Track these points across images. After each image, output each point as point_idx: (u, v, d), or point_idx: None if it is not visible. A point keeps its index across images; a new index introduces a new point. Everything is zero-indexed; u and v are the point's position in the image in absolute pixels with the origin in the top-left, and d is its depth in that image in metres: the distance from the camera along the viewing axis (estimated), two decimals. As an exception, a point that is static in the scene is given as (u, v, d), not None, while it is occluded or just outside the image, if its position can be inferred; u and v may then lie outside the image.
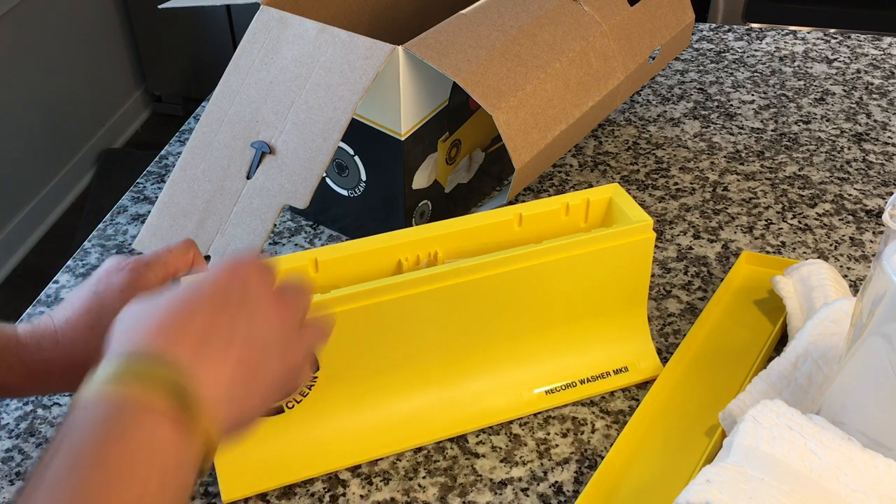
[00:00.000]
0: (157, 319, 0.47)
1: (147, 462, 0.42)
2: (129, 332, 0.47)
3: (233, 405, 0.48)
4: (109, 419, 0.43)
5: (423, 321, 0.68)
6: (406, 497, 0.67)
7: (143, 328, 0.47)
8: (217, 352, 0.47)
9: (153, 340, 0.46)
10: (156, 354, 0.45)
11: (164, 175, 1.04)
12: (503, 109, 0.78)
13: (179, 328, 0.47)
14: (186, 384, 0.45)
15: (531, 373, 0.74)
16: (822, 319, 0.72)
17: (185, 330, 0.47)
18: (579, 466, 0.69)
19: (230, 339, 0.48)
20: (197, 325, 0.47)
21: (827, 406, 0.63)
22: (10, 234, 2.36)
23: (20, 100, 2.34)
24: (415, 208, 0.86)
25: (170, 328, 0.47)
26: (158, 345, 0.46)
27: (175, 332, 0.47)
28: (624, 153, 1.06)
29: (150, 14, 2.67)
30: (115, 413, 0.43)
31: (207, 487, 0.68)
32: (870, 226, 0.94)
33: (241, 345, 0.48)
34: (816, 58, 1.26)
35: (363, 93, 0.74)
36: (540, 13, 0.86)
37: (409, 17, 1.03)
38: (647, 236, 0.72)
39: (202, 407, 0.45)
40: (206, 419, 0.45)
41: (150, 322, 0.47)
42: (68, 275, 0.90)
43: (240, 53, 0.81)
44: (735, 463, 0.57)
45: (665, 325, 0.82)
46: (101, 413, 0.43)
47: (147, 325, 0.47)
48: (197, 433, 0.44)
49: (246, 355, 0.48)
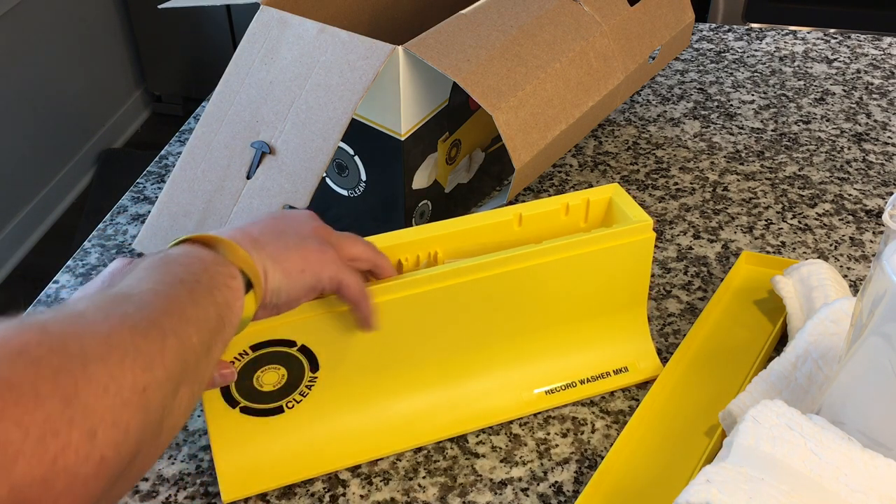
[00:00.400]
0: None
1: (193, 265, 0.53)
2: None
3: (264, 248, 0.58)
4: (163, 252, 0.54)
5: (422, 321, 0.68)
6: (406, 497, 0.67)
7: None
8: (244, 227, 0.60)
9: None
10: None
11: (164, 175, 1.04)
12: (503, 109, 0.78)
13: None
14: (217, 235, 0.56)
15: (531, 373, 0.74)
16: (822, 319, 0.72)
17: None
18: (579, 466, 0.69)
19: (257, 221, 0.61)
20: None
21: (827, 406, 0.63)
22: (10, 234, 2.36)
23: (20, 100, 2.34)
24: (415, 208, 0.86)
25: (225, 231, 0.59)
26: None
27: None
28: (624, 153, 1.06)
29: (150, 14, 2.67)
30: (167, 250, 0.55)
31: (207, 487, 0.68)
32: (870, 226, 0.94)
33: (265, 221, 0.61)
34: (816, 58, 1.26)
35: (363, 93, 0.74)
36: (540, 13, 0.86)
37: (409, 17, 1.03)
38: (647, 236, 0.72)
39: (231, 243, 0.56)
40: (240, 253, 0.55)
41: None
42: (68, 275, 0.90)
43: (240, 53, 0.81)
44: (735, 463, 0.57)
45: (665, 325, 0.82)
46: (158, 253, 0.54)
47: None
48: (231, 255, 0.55)
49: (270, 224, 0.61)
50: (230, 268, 0.54)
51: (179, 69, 2.80)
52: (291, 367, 0.65)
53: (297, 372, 0.66)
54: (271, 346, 0.64)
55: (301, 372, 0.66)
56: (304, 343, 0.65)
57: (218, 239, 0.56)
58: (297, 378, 0.66)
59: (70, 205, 2.58)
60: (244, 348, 0.63)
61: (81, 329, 0.43)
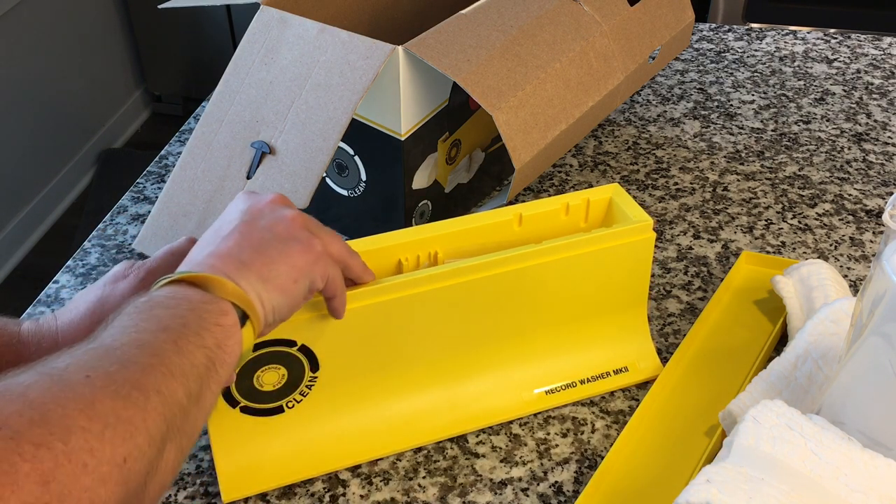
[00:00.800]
0: (192, 253, 0.57)
1: (180, 308, 0.51)
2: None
3: (244, 265, 0.55)
4: (147, 295, 0.52)
5: (422, 321, 0.68)
6: (406, 497, 0.67)
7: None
8: (216, 239, 0.57)
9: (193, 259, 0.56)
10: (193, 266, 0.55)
11: (164, 175, 1.04)
12: (503, 109, 0.78)
13: (198, 250, 0.57)
14: (202, 271, 0.54)
15: (531, 373, 0.74)
16: (822, 319, 0.72)
17: (199, 248, 0.57)
18: (579, 466, 0.69)
19: (230, 225, 0.58)
20: (207, 241, 0.57)
21: (827, 406, 0.63)
22: (10, 234, 2.36)
23: (20, 100, 2.34)
24: (415, 208, 0.86)
25: (192, 256, 0.57)
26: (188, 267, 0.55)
27: (198, 253, 0.56)
28: (624, 153, 1.06)
29: (150, 14, 2.67)
30: (152, 293, 0.52)
31: (207, 487, 0.68)
32: (870, 226, 0.94)
33: (238, 226, 0.58)
34: (816, 58, 1.26)
35: (363, 93, 0.74)
36: (540, 13, 0.86)
37: (409, 17, 1.03)
38: (647, 236, 0.72)
39: (219, 278, 0.53)
40: (229, 287, 0.53)
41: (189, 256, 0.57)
42: (68, 275, 0.90)
43: (240, 53, 0.81)
44: (735, 463, 0.57)
45: (665, 325, 0.82)
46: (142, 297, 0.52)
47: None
48: (219, 290, 0.53)
49: (243, 230, 0.57)
50: (221, 304, 0.52)
51: (179, 69, 2.80)
52: (291, 366, 0.65)
53: (297, 372, 0.66)
54: (271, 345, 0.64)
55: (301, 372, 0.66)
56: (304, 343, 0.65)
57: (205, 277, 0.53)
58: (297, 378, 0.66)
59: (70, 205, 2.58)
60: (244, 348, 0.63)
61: (63, 396, 0.42)
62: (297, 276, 0.57)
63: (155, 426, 0.45)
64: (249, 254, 0.56)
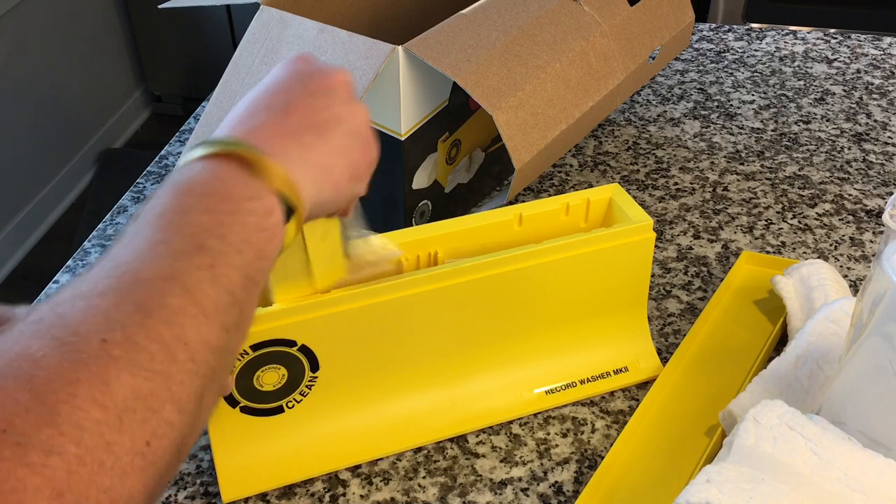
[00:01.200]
0: (233, 116, 0.49)
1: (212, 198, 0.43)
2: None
3: (305, 154, 0.48)
4: (174, 180, 0.44)
5: (423, 321, 0.68)
6: (406, 497, 0.67)
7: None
8: (273, 117, 0.48)
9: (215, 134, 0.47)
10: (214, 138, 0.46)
11: (164, 175, 1.04)
12: (503, 109, 0.78)
13: (240, 117, 0.48)
14: (239, 139, 0.46)
15: (531, 373, 0.74)
16: (822, 319, 0.72)
17: (245, 116, 0.48)
18: (579, 466, 0.69)
19: (288, 103, 0.49)
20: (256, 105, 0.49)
21: (827, 406, 0.63)
22: (10, 234, 2.36)
23: (20, 100, 2.34)
24: (415, 208, 0.86)
25: (231, 122, 0.48)
26: (218, 134, 0.47)
27: (236, 121, 0.48)
28: (624, 153, 1.06)
29: (150, 14, 2.67)
30: (179, 175, 0.44)
31: (207, 487, 0.68)
32: (870, 226, 0.94)
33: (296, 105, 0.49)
34: (816, 58, 1.26)
35: (363, 93, 0.74)
36: (540, 13, 0.86)
37: (409, 17, 1.03)
38: (647, 236, 0.72)
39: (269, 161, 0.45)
40: (278, 173, 0.45)
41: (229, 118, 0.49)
42: (68, 275, 0.90)
43: (240, 53, 0.81)
44: (735, 463, 0.57)
45: (665, 325, 0.82)
46: (166, 183, 0.44)
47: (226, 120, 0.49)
48: (267, 170, 0.45)
49: (307, 110, 0.49)
50: (267, 200, 0.44)
51: (179, 69, 2.80)
52: (291, 367, 0.65)
53: (297, 372, 0.66)
54: (271, 345, 0.64)
55: (301, 372, 0.66)
56: (304, 343, 0.65)
57: (254, 159, 0.44)
58: (297, 378, 0.66)
59: (70, 205, 2.58)
60: (244, 348, 0.63)
61: (76, 377, 0.36)
62: (354, 175, 0.51)
63: (184, 390, 0.38)
64: (311, 135, 0.48)
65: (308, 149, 0.48)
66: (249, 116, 0.48)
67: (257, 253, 0.44)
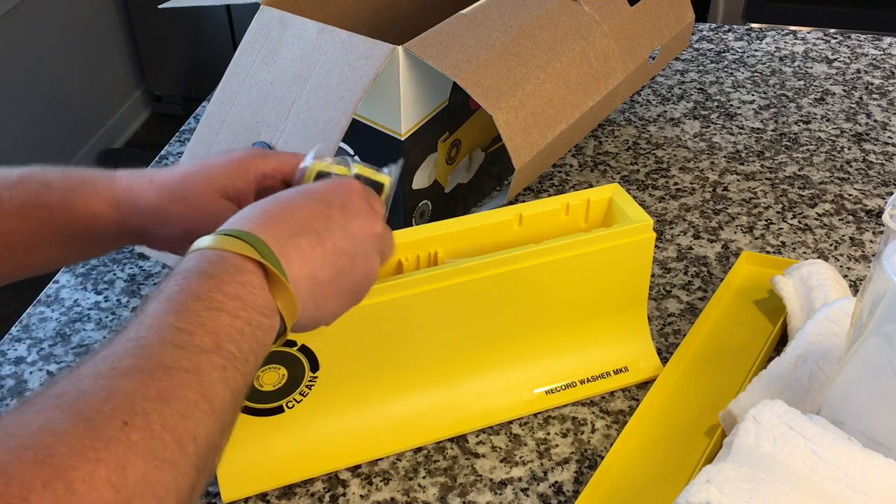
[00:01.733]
0: (257, 211, 0.51)
1: (237, 302, 0.45)
2: (230, 222, 0.51)
3: (314, 293, 0.51)
4: (203, 265, 0.46)
5: (423, 321, 0.68)
6: (406, 497, 0.67)
7: (242, 217, 0.51)
8: (307, 243, 0.50)
9: (249, 225, 0.49)
10: (249, 232, 0.49)
11: (164, 175, 1.04)
12: (503, 109, 0.78)
13: (276, 218, 0.51)
14: (274, 253, 0.48)
15: (531, 373, 0.74)
16: (822, 319, 0.72)
17: (281, 220, 0.50)
18: (579, 466, 0.69)
19: (323, 235, 0.51)
20: (294, 218, 0.51)
21: (827, 406, 0.63)
22: (10, 234, 2.36)
23: (20, 100, 2.34)
24: (415, 208, 0.86)
25: (266, 218, 0.50)
26: (253, 227, 0.49)
27: (271, 221, 0.50)
28: (624, 153, 1.06)
29: (150, 14, 2.67)
30: (208, 260, 0.47)
31: (207, 487, 0.68)
32: (870, 226, 0.94)
33: (332, 242, 0.52)
34: (816, 58, 1.26)
35: (363, 93, 0.74)
36: (540, 13, 0.86)
37: (409, 17, 1.03)
38: (647, 236, 0.72)
39: (286, 274, 0.48)
40: (288, 288, 0.48)
41: (251, 213, 0.51)
42: (68, 275, 0.90)
43: (240, 53, 0.81)
44: (735, 463, 0.57)
45: (665, 325, 0.82)
46: (194, 263, 0.47)
47: (247, 215, 0.51)
48: (280, 292, 0.48)
49: (334, 253, 0.52)
50: (274, 319, 0.48)
51: (179, 69, 2.80)
52: (291, 366, 0.65)
53: (297, 372, 0.66)
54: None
55: (301, 372, 0.66)
56: (304, 343, 0.65)
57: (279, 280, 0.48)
58: (297, 378, 0.66)
59: (70, 205, 2.57)
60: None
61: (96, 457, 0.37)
62: (344, 312, 0.55)
63: (186, 482, 0.40)
64: (327, 272, 0.51)
65: (319, 286, 0.51)
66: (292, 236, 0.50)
67: (255, 363, 0.47)
